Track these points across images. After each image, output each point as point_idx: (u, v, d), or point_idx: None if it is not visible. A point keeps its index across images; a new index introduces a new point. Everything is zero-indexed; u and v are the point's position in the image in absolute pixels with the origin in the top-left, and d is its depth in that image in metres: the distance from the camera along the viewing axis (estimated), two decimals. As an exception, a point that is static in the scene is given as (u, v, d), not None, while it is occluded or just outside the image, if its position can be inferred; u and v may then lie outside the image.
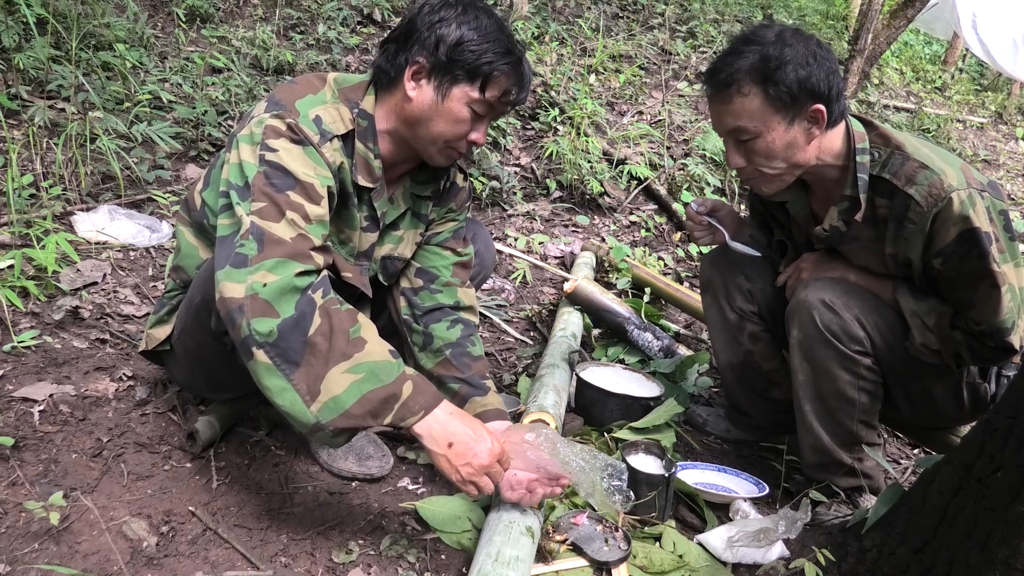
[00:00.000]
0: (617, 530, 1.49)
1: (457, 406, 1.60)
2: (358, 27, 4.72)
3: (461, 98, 1.41)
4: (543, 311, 2.80)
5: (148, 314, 2.13)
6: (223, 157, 1.44)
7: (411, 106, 1.43)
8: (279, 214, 1.26)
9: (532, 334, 2.64)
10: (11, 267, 2.04)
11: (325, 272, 1.30)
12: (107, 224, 2.46)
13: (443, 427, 1.28)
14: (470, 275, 1.84)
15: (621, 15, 6.20)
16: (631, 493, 1.53)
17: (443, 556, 1.44)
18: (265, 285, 1.20)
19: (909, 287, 1.62)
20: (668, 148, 4.25)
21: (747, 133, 1.53)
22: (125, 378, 1.81)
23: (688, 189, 3.93)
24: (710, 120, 1.66)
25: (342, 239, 1.51)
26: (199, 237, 1.53)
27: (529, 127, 4.18)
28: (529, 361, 2.39)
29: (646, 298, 2.78)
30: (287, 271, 1.21)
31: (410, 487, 1.63)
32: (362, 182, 1.46)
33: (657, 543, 1.53)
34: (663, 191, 3.91)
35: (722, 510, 1.73)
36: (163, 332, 1.57)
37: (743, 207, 2.05)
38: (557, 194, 3.79)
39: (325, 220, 1.33)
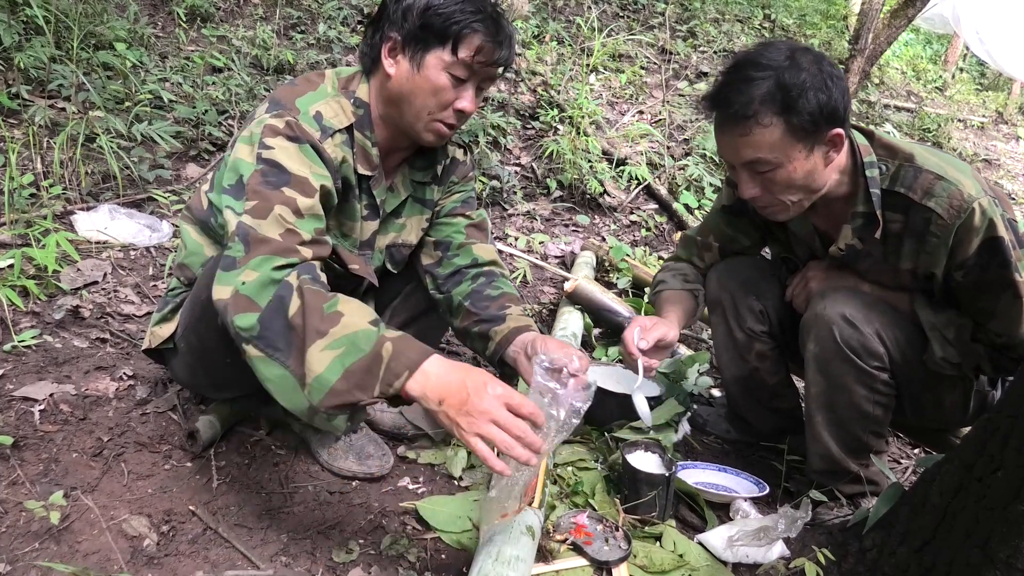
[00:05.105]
0: (617, 529, 1.50)
1: (483, 347, 1.61)
2: (358, 26, 4.71)
3: (436, 64, 1.39)
4: (543, 311, 2.79)
5: (149, 313, 2.13)
6: (227, 159, 1.44)
7: (391, 83, 1.42)
8: (268, 211, 1.26)
9: (532, 334, 2.64)
10: (11, 266, 2.04)
11: (311, 263, 1.27)
12: (107, 223, 2.46)
13: (435, 382, 1.17)
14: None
15: (621, 14, 6.20)
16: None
17: (443, 556, 1.44)
18: (245, 283, 1.20)
19: (927, 299, 1.57)
20: (668, 148, 4.25)
21: (767, 165, 1.44)
22: (125, 377, 1.81)
23: (688, 189, 3.93)
24: (717, 146, 1.52)
25: (344, 231, 1.52)
26: (204, 235, 1.54)
27: (529, 127, 4.17)
28: (529, 361, 2.38)
29: (646, 298, 2.78)
30: (267, 266, 1.22)
31: (410, 487, 1.63)
32: (361, 170, 1.47)
33: (657, 543, 1.53)
34: (663, 191, 3.91)
35: (722, 510, 1.73)
36: (167, 330, 1.57)
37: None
38: (557, 194, 3.78)
39: (318, 213, 1.32)
